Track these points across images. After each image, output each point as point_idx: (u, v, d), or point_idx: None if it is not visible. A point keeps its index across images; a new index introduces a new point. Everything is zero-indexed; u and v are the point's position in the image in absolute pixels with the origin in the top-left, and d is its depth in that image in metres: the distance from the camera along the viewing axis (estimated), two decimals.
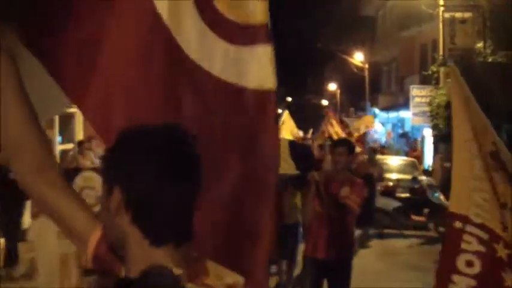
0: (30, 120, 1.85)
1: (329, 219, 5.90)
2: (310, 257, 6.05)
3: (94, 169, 11.38)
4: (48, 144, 1.94)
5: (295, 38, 60.85)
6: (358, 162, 14.50)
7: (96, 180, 5.28)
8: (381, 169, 14.93)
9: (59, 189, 1.81)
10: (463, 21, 18.87)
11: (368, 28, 38.78)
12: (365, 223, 12.29)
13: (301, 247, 6.84)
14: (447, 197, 14.42)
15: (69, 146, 15.12)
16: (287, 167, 6.57)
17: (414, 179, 15.48)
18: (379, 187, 14.40)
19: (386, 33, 35.34)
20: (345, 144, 6.33)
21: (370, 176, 12.91)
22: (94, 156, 12.76)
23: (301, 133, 25.80)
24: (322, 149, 15.42)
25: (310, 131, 22.52)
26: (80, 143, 14.72)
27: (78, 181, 6.46)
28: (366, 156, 15.13)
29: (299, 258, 7.14)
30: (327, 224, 5.89)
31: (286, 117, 23.19)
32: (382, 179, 14.79)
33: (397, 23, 31.55)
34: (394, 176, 16.21)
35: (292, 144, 7.75)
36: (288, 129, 22.60)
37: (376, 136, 32.12)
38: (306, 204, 6.15)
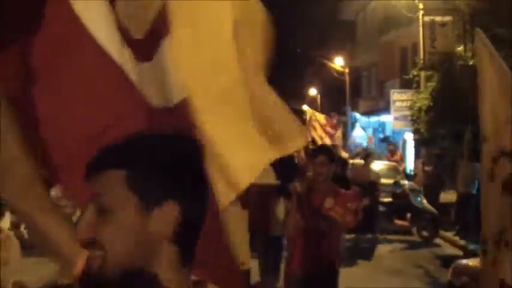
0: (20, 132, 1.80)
1: (312, 233, 5.43)
2: (294, 272, 5.60)
3: None
4: (35, 161, 1.86)
5: (274, 42, 60.86)
6: (356, 170, 14.40)
7: None
8: (378, 175, 14.84)
9: (46, 209, 1.73)
10: (443, 24, 18.92)
11: (348, 32, 38.86)
12: (367, 230, 12.34)
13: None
14: (429, 201, 14.48)
15: None
16: (264, 175, 5.83)
17: (396, 184, 15.43)
18: None
19: (366, 37, 35.44)
20: (325, 153, 5.72)
21: (372, 183, 12.79)
22: None
23: None
24: (307, 155, 15.26)
25: None
26: None
27: (56, 191, 6.25)
28: (362, 162, 15.03)
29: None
30: (310, 238, 5.43)
31: None
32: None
33: (377, 27, 31.65)
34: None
35: None
36: None
37: (357, 141, 32.14)
38: (288, 217, 5.61)
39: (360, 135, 34.21)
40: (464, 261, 7.91)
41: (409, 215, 14.24)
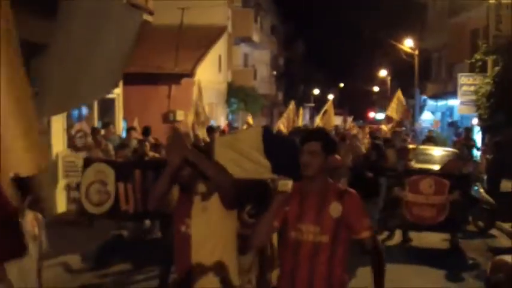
0: None
1: (306, 247, 3.84)
2: None
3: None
4: None
5: (348, 24, 60.28)
6: (448, 161, 13.73)
7: None
8: (470, 168, 13.76)
9: None
10: (510, 6, 18.14)
11: (418, 13, 37.91)
12: (454, 228, 11.47)
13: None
14: (489, 190, 13.92)
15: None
16: (254, 168, 4.24)
17: None
18: None
19: (437, 18, 34.45)
20: (317, 138, 3.92)
21: (465, 176, 11.99)
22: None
23: (339, 121, 25.38)
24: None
25: (350, 119, 21.62)
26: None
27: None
28: (456, 152, 14.06)
29: None
30: (303, 254, 3.85)
31: (329, 106, 23.06)
32: (478, 178, 13.62)
33: (448, 8, 30.70)
34: (436, 167, 15.74)
35: (269, 136, 4.45)
36: (329, 119, 22.46)
37: (424, 125, 31.44)
38: (264, 222, 3.87)
39: (427, 119, 33.52)
40: (503, 257, 7.43)
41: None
